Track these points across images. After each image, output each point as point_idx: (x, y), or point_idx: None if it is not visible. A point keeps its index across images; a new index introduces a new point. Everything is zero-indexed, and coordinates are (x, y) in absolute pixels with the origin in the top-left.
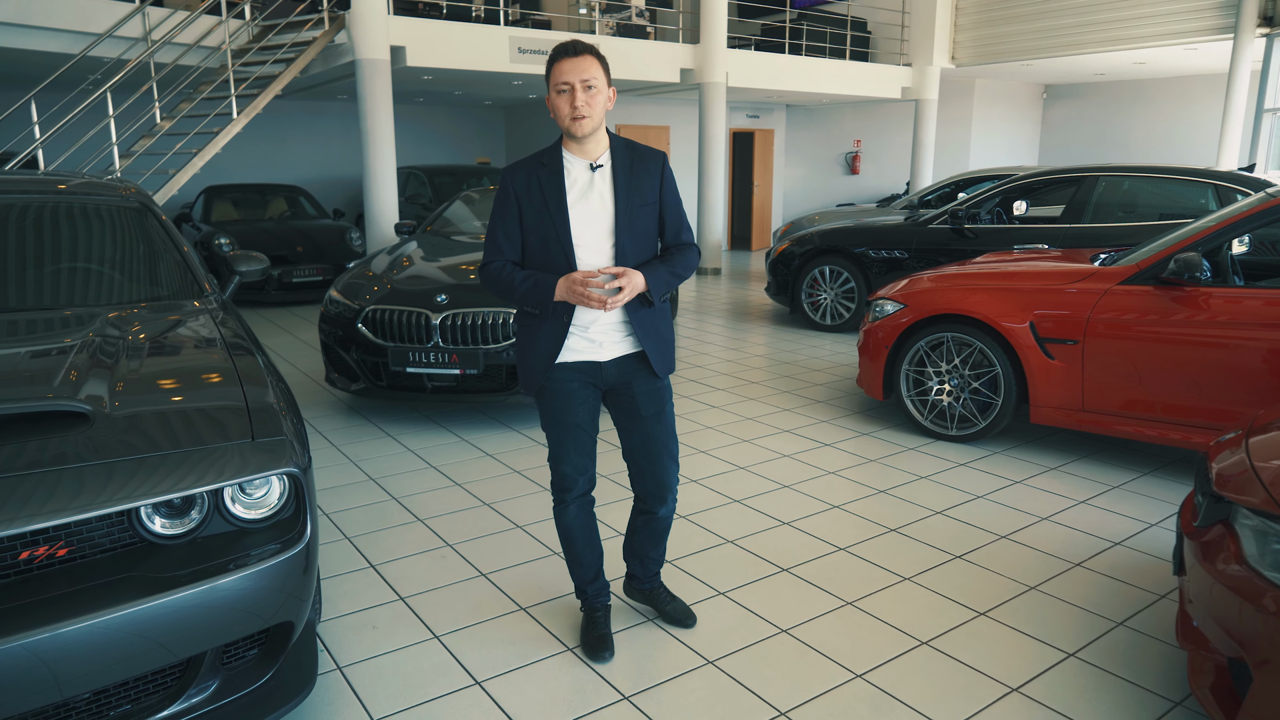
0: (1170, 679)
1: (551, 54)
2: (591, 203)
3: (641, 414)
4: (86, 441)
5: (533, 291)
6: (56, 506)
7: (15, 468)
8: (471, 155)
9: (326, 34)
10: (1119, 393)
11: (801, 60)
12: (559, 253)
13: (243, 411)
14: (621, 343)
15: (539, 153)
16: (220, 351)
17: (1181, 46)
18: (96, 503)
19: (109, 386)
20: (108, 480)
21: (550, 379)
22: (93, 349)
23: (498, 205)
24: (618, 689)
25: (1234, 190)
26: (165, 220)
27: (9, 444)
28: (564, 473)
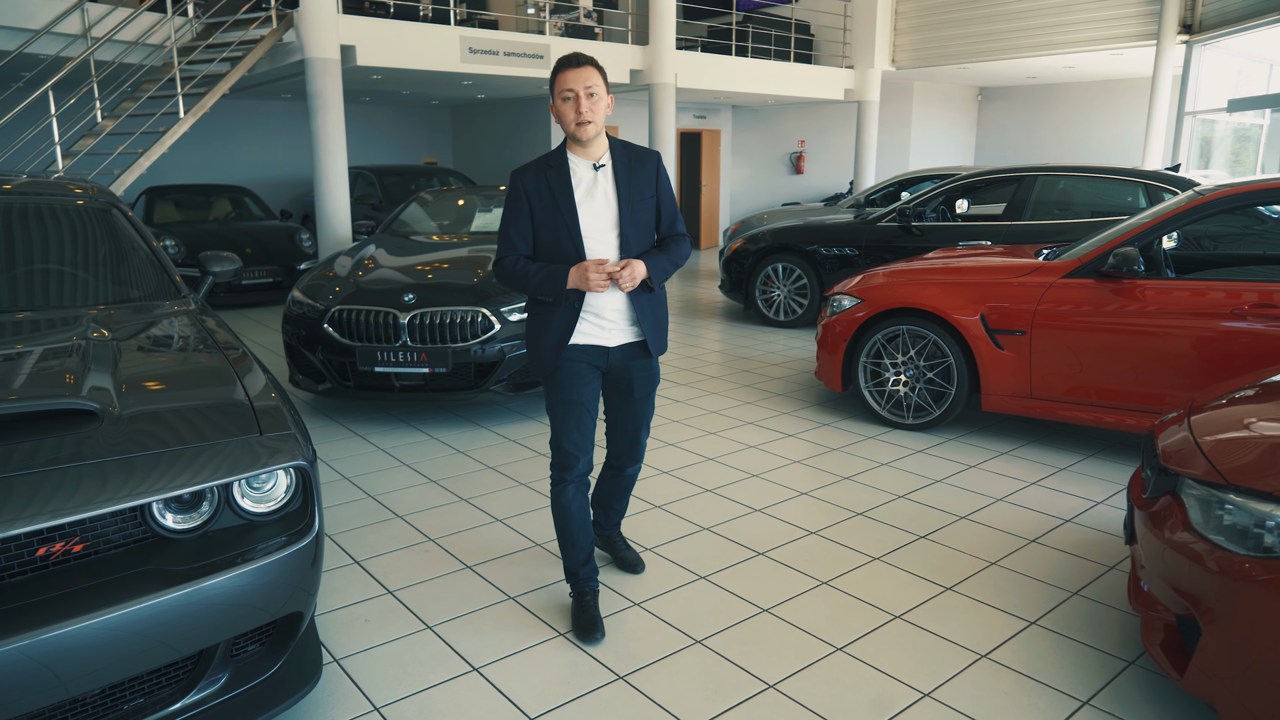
0: (1124, 641)
1: (556, 65)
2: (596, 199)
3: (635, 395)
4: (98, 439)
5: (546, 281)
6: (74, 503)
7: (32, 465)
8: (418, 155)
9: (274, 32)
10: (1064, 380)
11: (748, 62)
12: (569, 245)
13: (247, 408)
14: (627, 330)
15: (545, 156)
16: (213, 350)
17: (1108, 52)
18: (114, 498)
19: (113, 385)
20: (123, 476)
21: (559, 362)
22: (85, 349)
23: (510, 204)
24: (612, 669)
25: (1161, 189)
26: (135, 220)
27: (23, 442)
28: (566, 450)
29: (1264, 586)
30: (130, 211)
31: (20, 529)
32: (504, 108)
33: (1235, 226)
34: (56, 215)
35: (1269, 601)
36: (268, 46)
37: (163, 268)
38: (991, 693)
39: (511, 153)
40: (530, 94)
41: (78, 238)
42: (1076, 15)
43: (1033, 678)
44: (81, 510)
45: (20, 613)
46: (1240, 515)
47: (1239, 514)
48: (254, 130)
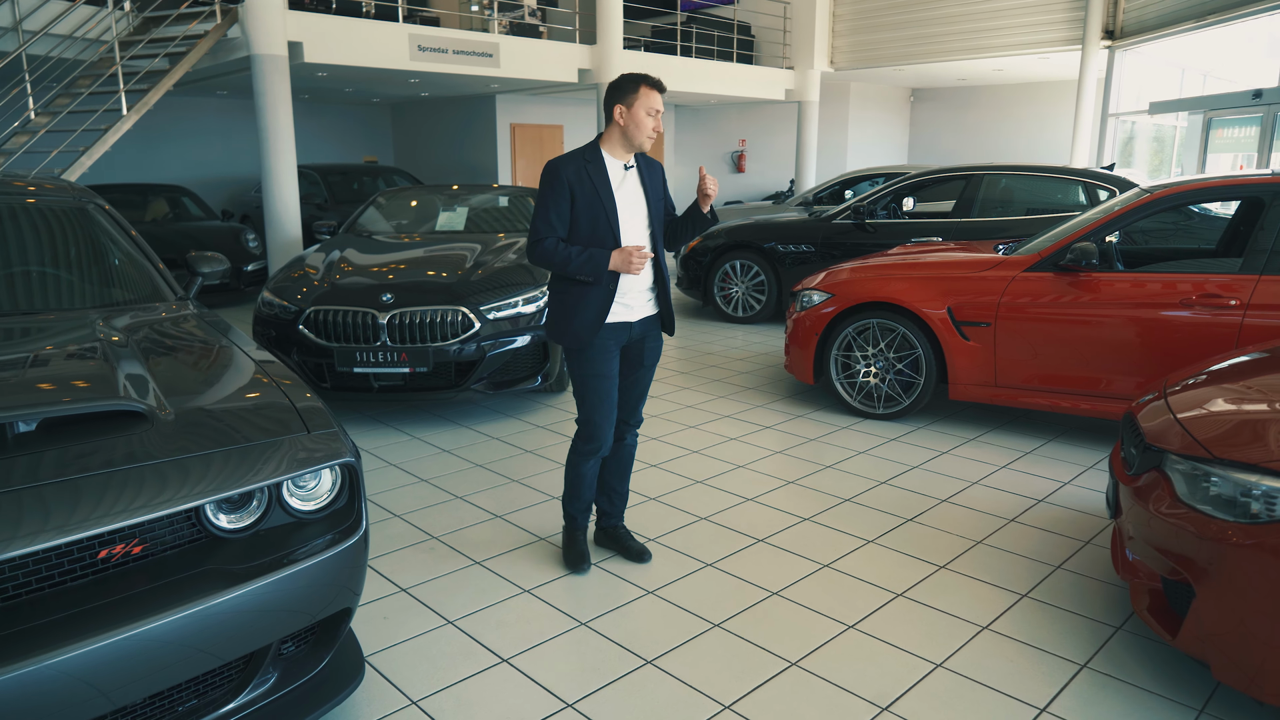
0: (1109, 608)
1: (647, 81)
2: (628, 193)
3: (644, 364)
4: (153, 440)
5: (589, 262)
6: (136, 505)
7: (91, 467)
8: (358, 154)
9: (219, 28)
10: (1026, 369)
11: (693, 62)
12: (607, 230)
13: (289, 407)
14: (646, 306)
15: (581, 150)
16: (236, 351)
17: (1035, 56)
18: (174, 500)
19: (153, 387)
20: (182, 478)
21: (595, 338)
22: (107, 351)
23: (550, 190)
24: (639, 654)
25: (1099, 186)
26: (119, 218)
27: (79, 443)
28: (598, 424)
29: (1252, 550)
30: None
31: (87, 531)
32: (448, 106)
33: (1166, 222)
34: (43, 215)
35: (1257, 564)
36: (212, 42)
37: (154, 267)
38: (997, 661)
39: (457, 151)
40: (477, 92)
41: (67, 238)
42: (1006, 20)
43: (1033, 645)
44: (144, 512)
45: (91, 615)
46: (1225, 486)
47: (1224, 485)
48: (187, 128)
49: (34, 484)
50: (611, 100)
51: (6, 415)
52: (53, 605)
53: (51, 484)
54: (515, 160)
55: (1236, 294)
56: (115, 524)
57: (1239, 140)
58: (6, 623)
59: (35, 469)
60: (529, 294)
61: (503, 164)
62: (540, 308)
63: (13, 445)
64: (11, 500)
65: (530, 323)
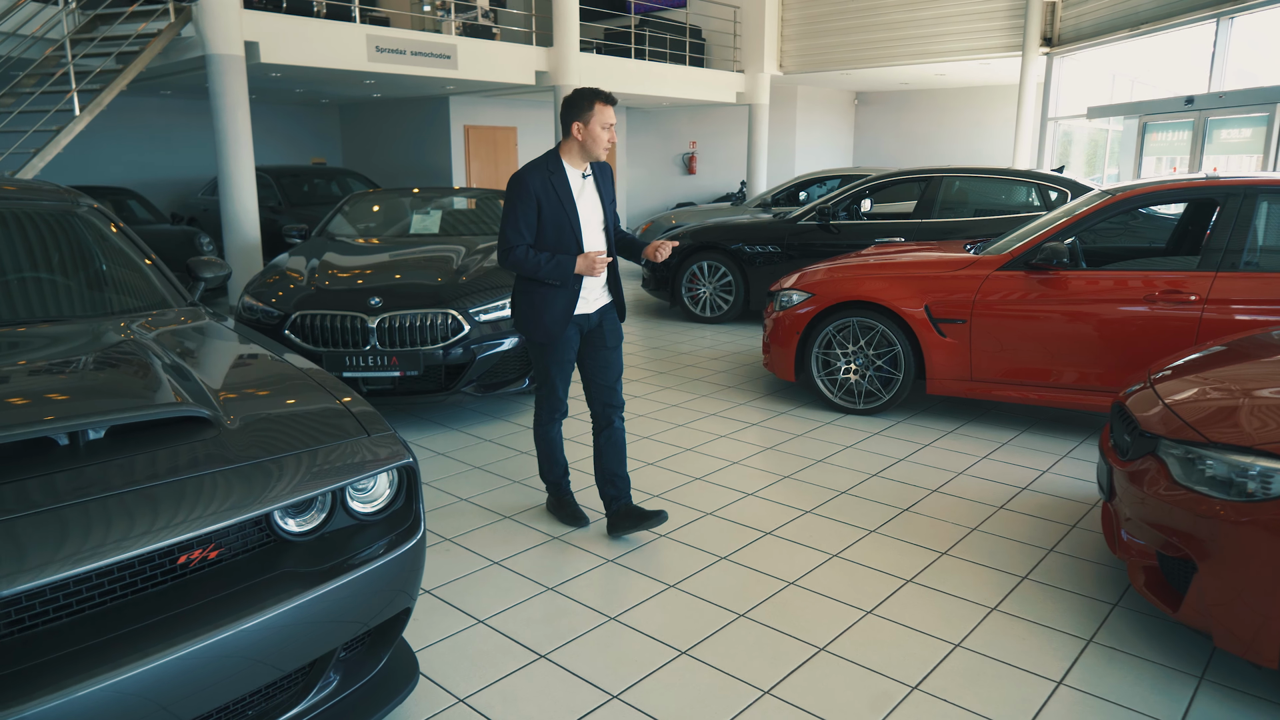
0: (1103, 586)
1: (599, 96)
2: (587, 200)
3: (607, 345)
4: (222, 446)
5: (557, 269)
6: (215, 510)
7: (169, 473)
8: (304, 155)
9: (172, 27)
10: (1000, 363)
11: (647, 65)
12: (570, 236)
13: (344, 411)
14: (601, 297)
15: (543, 161)
16: (273, 356)
17: (977, 61)
18: (249, 505)
19: (208, 393)
20: (256, 482)
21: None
22: (151, 357)
23: (518, 200)
24: (673, 646)
25: (1051, 188)
26: (119, 223)
27: (149, 451)
28: (560, 398)
29: (1249, 527)
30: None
31: (173, 538)
32: (400, 107)
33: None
34: (43, 220)
35: (1255, 540)
36: (165, 41)
37: (163, 272)
38: (1010, 639)
39: (409, 153)
40: (431, 94)
41: (71, 242)
42: (949, 27)
43: (1040, 623)
44: (224, 517)
45: (180, 620)
46: (1221, 468)
47: (1219, 466)
48: (127, 129)
49: (117, 491)
50: (569, 117)
51: (79, 423)
52: (139, 612)
53: (134, 491)
54: (470, 162)
55: (1196, 290)
56: (198, 530)
57: (1172, 144)
58: (101, 629)
59: (115, 476)
60: None
61: (457, 166)
62: None
63: (85, 453)
64: (98, 508)
65: None
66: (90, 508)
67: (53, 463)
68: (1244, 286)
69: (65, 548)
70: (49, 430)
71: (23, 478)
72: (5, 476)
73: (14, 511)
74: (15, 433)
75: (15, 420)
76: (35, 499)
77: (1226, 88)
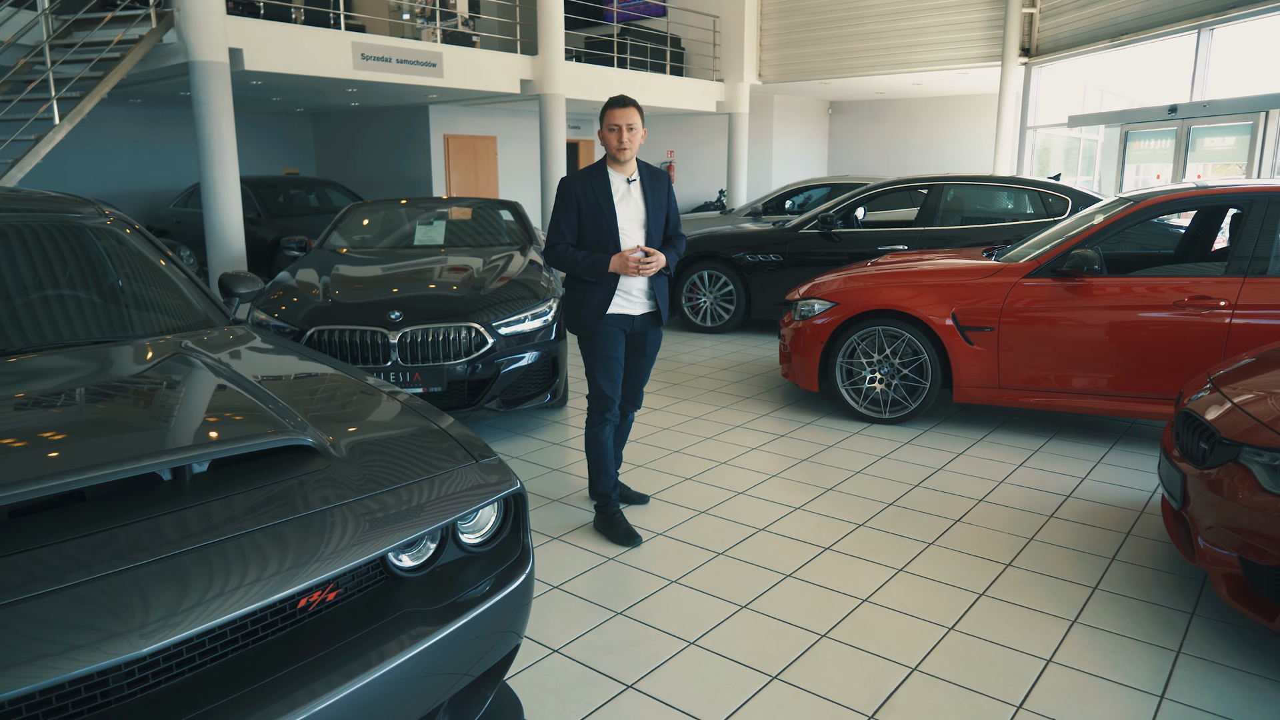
0: (1175, 594)
1: (607, 102)
2: (630, 205)
3: (647, 353)
4: (334, 478)
5: (592, 266)
6: (339, 550)
7: (288, 511)
8: (276, 165)
9: (154, 33)
10: (1028, 370)
11: (630, 74)
12: (608, 237)
13: (446, 435)
14: (645, 303)
15: (590, 168)
16: (348, 377)
17: (955, 71)
18: (374, 541)
19: (303, 419)
20: (377, 516)
21: (599, 326)
22: (230, 380)
23: (562, 202)
24: (763, 671)
25: (1049, 195)
26: (150, 236)
27: (258, 485)
28: (606, 394)
29: None
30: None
31: (303, 584)
32: (377, 116)
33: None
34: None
35: None
36: (147, 48)
37: (200, 289)
38: (1098, 653)
39: (388, 163)
40: (413, 102)
41: (110, 259)
42: (929, 37)
43: (1123, 635)
44: (350, 557)
45: (305, 674)
46: None
47: None
48: (98, 139)
49: (245, 531)
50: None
51: (185, 456)
52: (262, 663)
53: (261, 531)
54: (450, 172)
55: (1225, 296)
56: (328, 572)
57: (1155, 152)
58: (225, 686)
59: (237, 515)
60: (537, 309)
61: (437, 176)
62: (547, 322)
63: (192, 489)
64: (218, 552)
65: (539, 338)
66: (217, 551)
67: (161, 501)
68: (1272, 292)
69: (190, 598)
70: (155, 466)
71: (136, 519)
72: (119, 518)
73: (138, 558)
74: (121, 469)
75: (116, 455)
76: (156, 544)
77: (1208, 97)
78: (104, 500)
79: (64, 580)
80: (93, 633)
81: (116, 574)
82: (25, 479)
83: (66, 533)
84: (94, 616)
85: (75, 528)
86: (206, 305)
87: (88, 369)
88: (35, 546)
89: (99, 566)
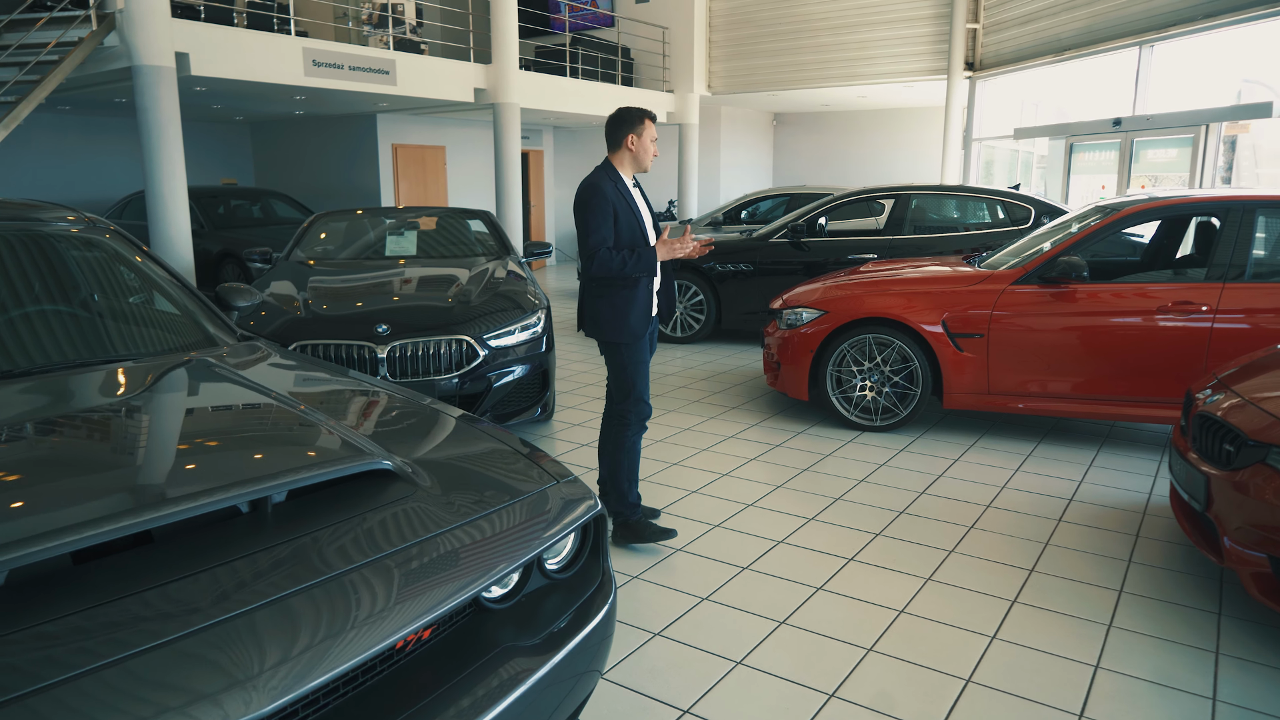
0: (1198, 594)
1: (648, 114)
2: (641, 206)
3: (652, 349)
4: (426, 507)
5: (640, 261)
6: (443, 585)
7: (385, 545)
8: (212, 175)
9: (95, 35)
10: (1018, 376)
11: (582, 83)
12: (642, 236)
13: (517, 453)
14: (659, 302)
15: (606, 172)
16: (400, 394)
17: (902, 84)
18: (477, 576)
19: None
20: (476, 548)
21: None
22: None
23: (601, 208)
24: (818, 689)
25: (1013, 205)
26: (144, 247)
27: (347, 515)
28: (647, 401)
29: None
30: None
31: (411, 626)
32: (324, 125)
33: None
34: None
35: None
36: (87, 51)
37: (206, 304)
38: (1142, 657)
39: (334, 173)
40: (360, 111)
41: (112, 271)
42: (875, 50)
43: (1162, 638)
44: (453, 595)
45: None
46: None
47: None
48: (22, 148)
49: (338, 572)
50: (622, 131)
51: (265, 487)
52: (372, 711)
53: (359, 569)
54: (399, 182)
55: (1207, 301)
56: (433, 613)
57: (1099, 164)
58: None
59: (328, 552)
60: (526, 320)
61: (385, 186)
62: (537, 334)
63: (273, 522)
64: (324, 595)
65: (528, 350)
66: (323, 594)
67: (241, 538)
68: (1250, 296)
69: (303, 646)
70: (236, 499)
71: (223, 560)
72: (201, 560)
73: (240, 604)
74: (198, 505)
75: (188, 487)
76: (255, 588)
77: (1150, 111)
78: (175, 539)
79: (163, 634)
80: (206, 693)
81: (220, 624)
82: (92, 519)
83: (150, 578)
84: (204, 674)
85: (155, 572)
86: (214, 320)
87: (119, 390)
88: (120, 596)
89: (196, 617)
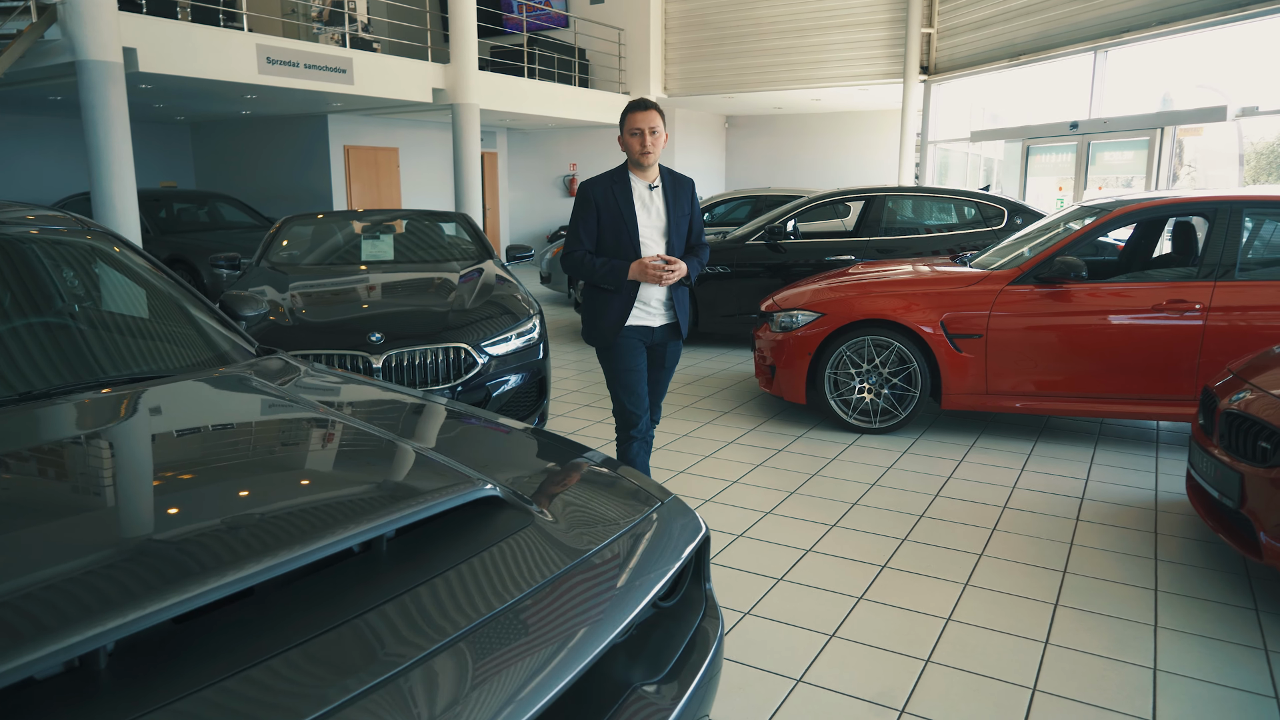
0: (1228, 590)
1: (627, 106)
2: (651, 212)
3: (666, 366)
4: (543, 537)
5: (611, 273)
6: (591, 626)
7: (521, 585)
8: (150, 178)
9: (35, 28)
10: (1016, 376)
11: (541, 84)
12: (628, 245)
13: (616, 476)
14: (665, 314)
15: (611, 172)
16: (464, 410)
17: (857, 87)
18: (617, 614)
19: (461, 459)
20: (608, 583)
21: (618, 337)
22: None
23: (580, 208)
24: (888, 706)
25: (985, 205)
26: (148, 255)
27: (468, 552)
28: (630, 410)
29: None
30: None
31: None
32: (271, 126)
33: None
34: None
35: None
36: (27, 45)
37: (220, 316)
38: (1195, 657)
39: (283, 176)
40: (311, 111)
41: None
42: (831, 54)
43: (1210, 636)
44: (601, 634)
45: None
46: None
47: None
48: None
49: (480, 620)
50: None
51: (381, 524)
52: None
53: (499, 616)
54: (350, 184)
55: (1199, 299)
56: (586, 659)
57: (1056, 165)
58: None
59: (461, 597)
60: (521, 327)
61: (337, 189)
62: (532, 341)
63: (389, 562)
64: (472, 649)
65: (524, 358)
66: (471, 647)
67: (363, 582)
68: (1239, 294)
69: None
70: (347, 541)
71: (350, 616)
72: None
73: (388, 668)
74: (308, 551)
75: (299, 529)
76: (400, 645)
77: (1105, 114)
78: (280, 590)
79: (328, 700)
80: None
81: (380, 685)
82: (193, 575)
83: (274, 638)
84: None
85: (275, 630)
86: (232, 334)
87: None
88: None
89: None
